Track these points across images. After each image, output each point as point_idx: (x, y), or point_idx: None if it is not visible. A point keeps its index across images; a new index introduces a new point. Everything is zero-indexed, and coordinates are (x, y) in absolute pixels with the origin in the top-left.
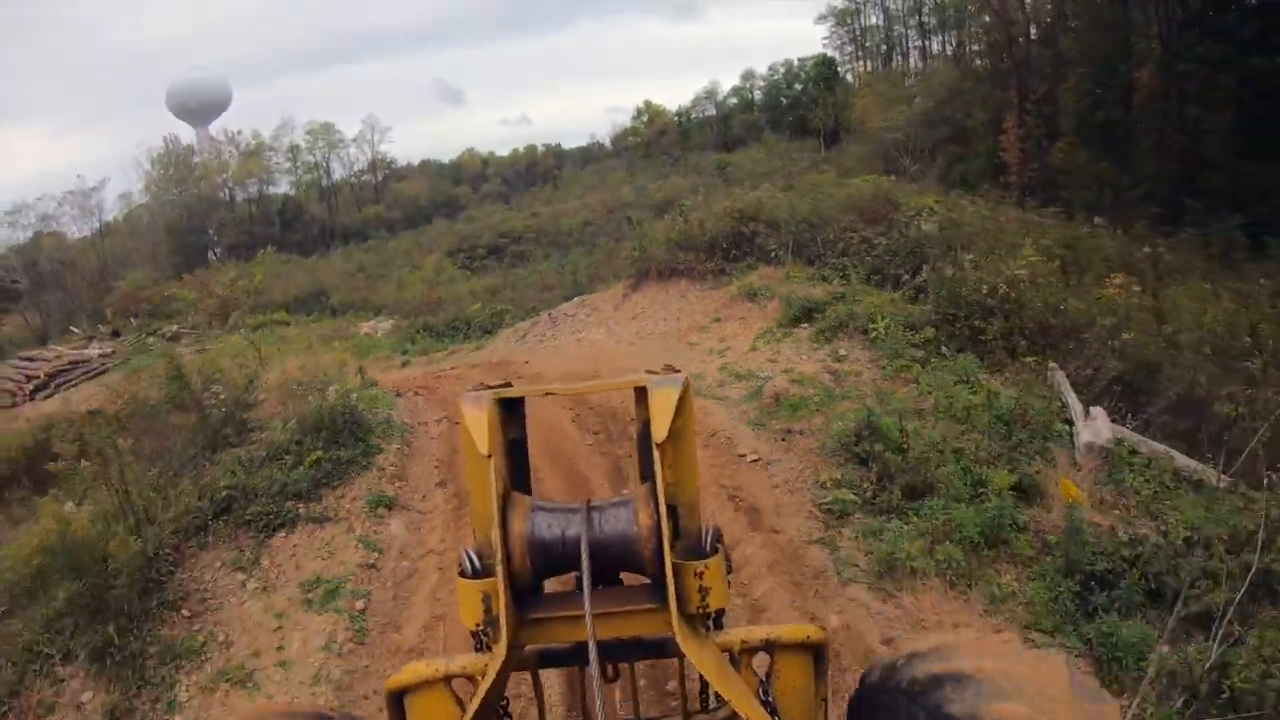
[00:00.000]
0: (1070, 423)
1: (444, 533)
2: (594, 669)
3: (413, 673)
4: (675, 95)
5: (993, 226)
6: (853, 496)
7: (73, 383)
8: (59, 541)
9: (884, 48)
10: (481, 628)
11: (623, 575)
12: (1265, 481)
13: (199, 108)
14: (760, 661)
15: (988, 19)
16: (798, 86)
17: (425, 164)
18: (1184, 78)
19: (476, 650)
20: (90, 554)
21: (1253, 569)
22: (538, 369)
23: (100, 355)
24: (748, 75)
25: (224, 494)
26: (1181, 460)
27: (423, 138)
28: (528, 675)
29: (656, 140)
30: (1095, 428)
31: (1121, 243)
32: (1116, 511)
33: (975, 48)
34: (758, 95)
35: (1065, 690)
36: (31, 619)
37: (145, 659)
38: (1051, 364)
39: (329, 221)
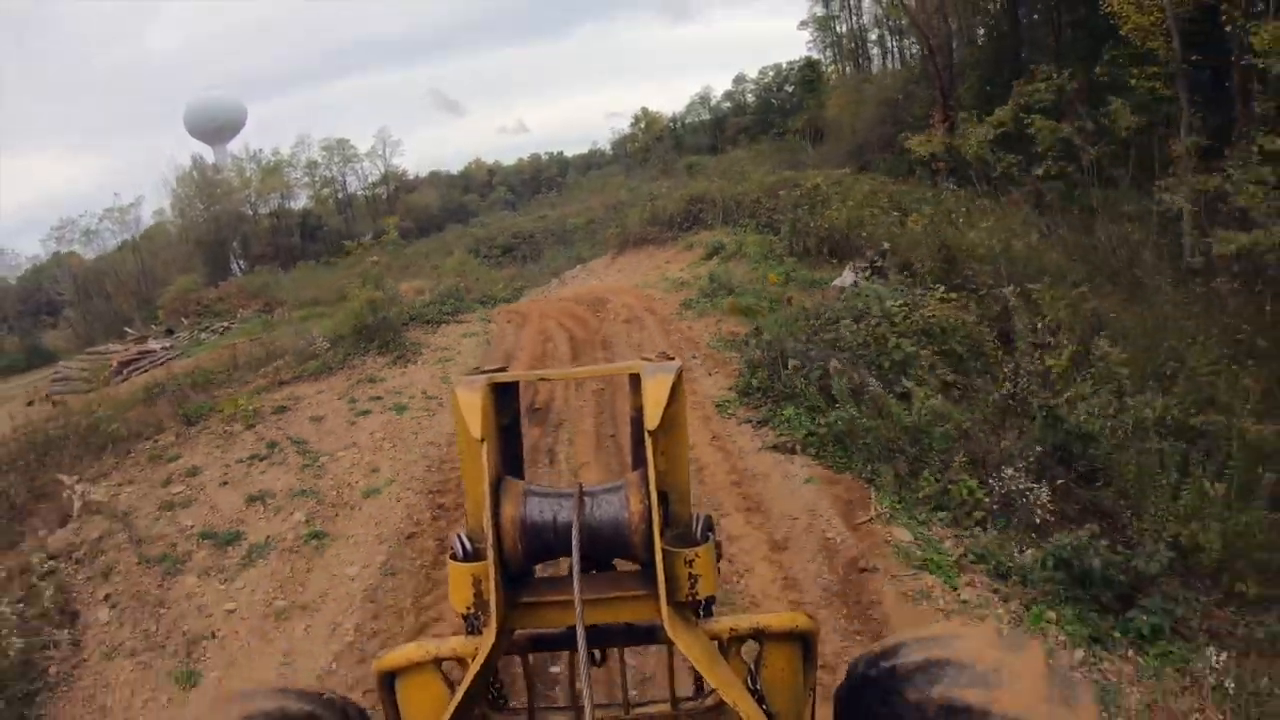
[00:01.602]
0: None
1: (509, 331)
2: (582, 653)
3: (403, 655)
4: (671, 97)
5: (857, 192)
6: (695, 299)
7: (143, 369)
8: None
9: (858, 53)
10: (472, 611)
11: (615, 561)
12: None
13: (216, 129)
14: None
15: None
16: (788, 88)
17: (434, 175)
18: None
19: (468, 634)
20: (383, 306)
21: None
22: (556, 297)
23: (162, 348)
24: (739, 79)
25: (415, 312)
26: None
27: (421, 147)
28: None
29: (654, 145)
30: (844, 278)
31: (968, 200)
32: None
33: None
34: (750, 98)
35: (1041, 673)
36: (353, 345)
37: (405, 347)
38: (850, 262)
39: (346, 232)
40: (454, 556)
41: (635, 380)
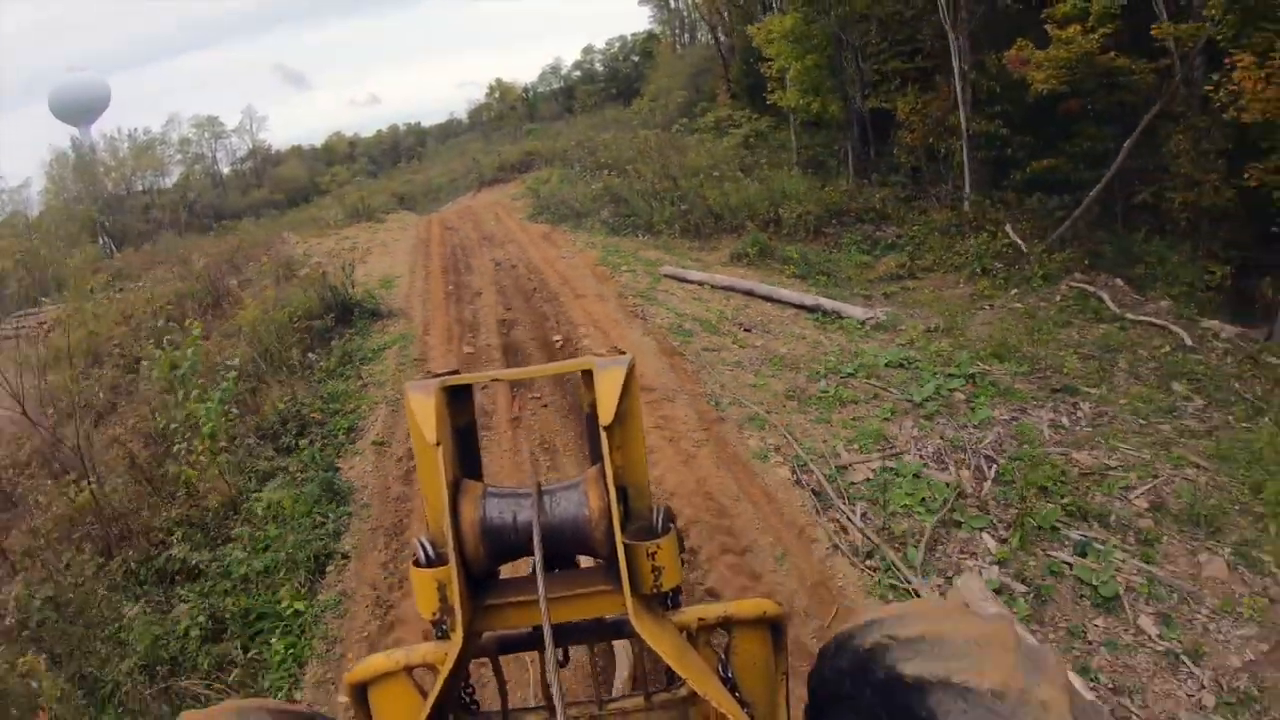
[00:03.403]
0: None
1: (429, 219)
2: (549, 652)
3: (373, 666)
4: (525, 66)
5: (636, 143)
6: (518, 197)
7: None
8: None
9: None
10: (438, 616)
11: (579, 557)
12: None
13: (81, 110)
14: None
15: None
16: (634, 58)
17: (296, 149)
18: None
19: (437, 638)
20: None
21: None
22: (439, 214)
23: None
24: (588, 50)
25: (376, 207)
26: None
27: (280, 121)
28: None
29: (508, 113)
30: (601, 181)
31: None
32: None
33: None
34: (599, 67)
35: (1010, 646)
36: (353, 218)
37: (378, 220)
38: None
39: (220, 206)
40: (416, 562)
41: (588, 376)
